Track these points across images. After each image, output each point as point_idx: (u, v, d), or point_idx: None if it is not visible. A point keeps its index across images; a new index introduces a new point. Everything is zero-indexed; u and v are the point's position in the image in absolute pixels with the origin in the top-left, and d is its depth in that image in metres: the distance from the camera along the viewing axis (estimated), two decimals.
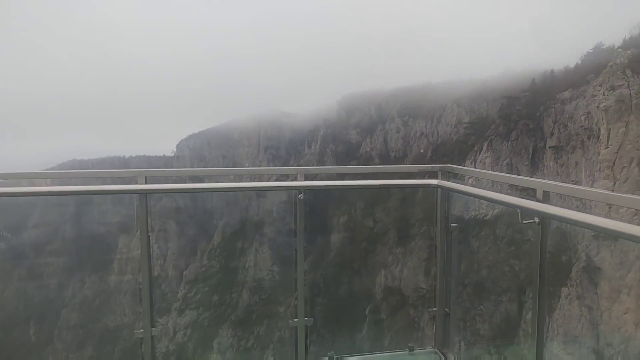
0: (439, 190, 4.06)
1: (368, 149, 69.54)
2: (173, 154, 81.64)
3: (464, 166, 35.63)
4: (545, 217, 2.37)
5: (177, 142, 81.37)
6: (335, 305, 41.58)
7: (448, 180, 4.04)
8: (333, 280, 45.88)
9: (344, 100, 75.67)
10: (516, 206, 2.50)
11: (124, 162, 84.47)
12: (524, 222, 2.42)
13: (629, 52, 22.41)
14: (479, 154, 39.71)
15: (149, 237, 3.73)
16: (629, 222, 1.53)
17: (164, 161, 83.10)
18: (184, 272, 56.73)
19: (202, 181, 4.95)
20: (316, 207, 66.64)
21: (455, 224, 4.00)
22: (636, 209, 1.80)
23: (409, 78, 73.51)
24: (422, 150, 60.87)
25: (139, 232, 3.67)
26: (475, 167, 39.83)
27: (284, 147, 75.75)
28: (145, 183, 3.70)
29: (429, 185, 4.11)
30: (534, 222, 2.40)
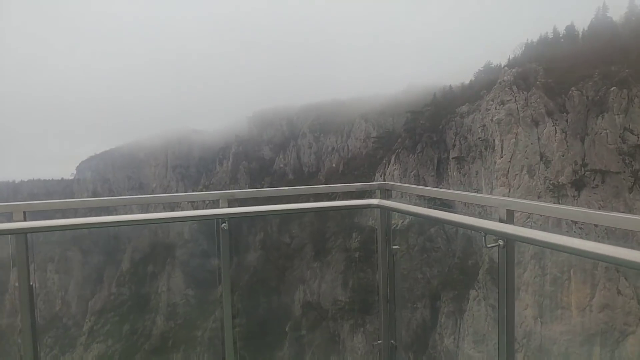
0: (379, 210, 3.66)
1: (282, 165, 69.75)
2: (73, 177, 75.65)
3: (375, 178, 37.00)
4: (511, 240, 2.22)
5: (78, 164, 75.46)
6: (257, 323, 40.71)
7: (388, 199, 3.66)
8: (252, 300, 44.97)
9: (255, 116, 75.43)
10: (480, 228, 2.29)
11: (14, 187, 76.42)
12: (488, 246, 2.24)
13: (513, 70, 25.01)
14: (388, 166, 41.62)
15: (31, 287, 3.05)
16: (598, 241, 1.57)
17: (63, 185, 76.50)
18: (90, 303, 52.08)
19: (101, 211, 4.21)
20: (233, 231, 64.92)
21: (397, 246, 3.64)
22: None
23: (318, 94, 75.62)
24: (334, 165, 62.43)
25: (17, 282, 3.05)
26: (385, 180, 41.73)
27: (193, 165, 73.37)
28: (25, 220, 3.05)
29: (369, 206, 3.69)
30: (498, 245, 2.23)
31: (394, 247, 3.66)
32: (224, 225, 3.43)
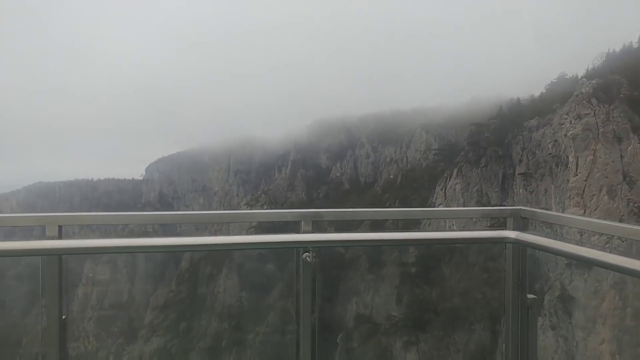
0: (511, 246, 2.84)
1: (338, 174, 69.91)
2: (142, 178, 79.96)
3: (435, 192, 35.99)
4: None
5: (147, 166, 79.85)
6: None
7: (527, 232, 2.78)
8: None
9: (314, 125, 76.31)
10: None
11: (92, 185, 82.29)
12: None
13: (593, 81, 23.50)
14: (449, 180, 40.48)
15: (63, 321, 2.56)
16: None
17: (133, 184, 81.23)
18: (151, 298, 54.61)
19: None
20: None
21: (534, 296, 2.85)
22: None
23: (378, 104, 75.19)
24: (391, 176, 61.66)
25: (44, 315, 2.54)
26: (445, 194, 40.62)
27: (254, 171, 75.24)
28: (60, 235, 2.56)
29: (501, 240, 2.79)
30: None
31: (530, 296, 2.82)
32: (307, 256, 2.69)
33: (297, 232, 2.91)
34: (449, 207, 37.17)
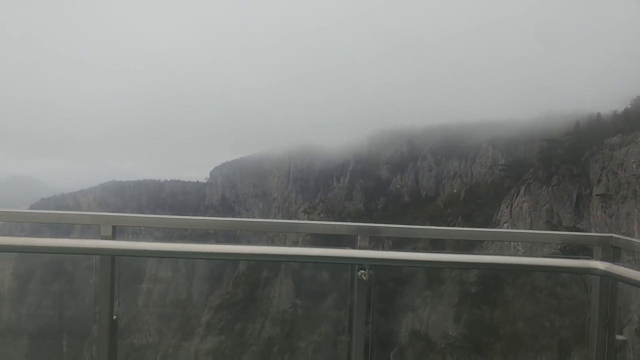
0: (598, 279, 2.48)
1: (398, 186, 68.73)
2: (206, 181, 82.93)
3: (500, 209, 34.25)
4: None
5: (211, 169, 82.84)
6: None
7: (619, 263, 2.40)
8: None
9: (375, 135, 75.74)
10: None
11: (159, 185, 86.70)
12: None
13: None
14: (516, 197, 38.46)
15: (114, 322, 2.54)
16: None
17: (198, 187, 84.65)
18: (209, 297, 56.24)
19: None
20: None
21: (623, 337, 2.48)
22: None
23: (443, 115, 73.20)
24: (455, 191, 59.68)
25: (98, 316, 2.50)
26: (511, 212, 38.57)
27: (313, 179, 75.79)
28: (113, 235, 2.54)
29: (588, 270, 2.40)
30: None
31: (619, 337, 2.45)
32: (362, 274, 2.47)
33: (353, 246, 2.72)
34: (515, 226, 35.29)
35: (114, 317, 2.54)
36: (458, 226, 57.20)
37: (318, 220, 65.37)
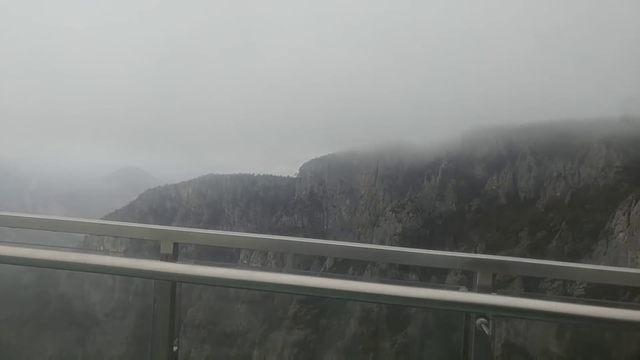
0: None
1: (494, 187, 64.84)
2: (296, 176, 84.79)
3: (615, 217, 30.62)
4: None
5: (301, 165, 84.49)
6: None
7: None
8: None
9: (469, 132, 72.06)
10: None
11: (252, 179, 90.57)
12: None
13: None
14: (634, 204, 34.31)
15: (174, 355, 2.29)
16: None
17: (288, 182, 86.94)
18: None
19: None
20: None
21: None
22: None
23: (546, 112, 67.63)
24: (558, 194, 54.89)
25: (156, 347, 2.26)
26: (629, 220, 34.42)
27: (401, 177, 74.10)
28: (174, 256, 2.23)
29: None
30: None
31: None
32: (482, 323, 1.94)
33: (470, 284, 2.14)
34: (634, 236, 31.47)
35: (175, 348, 2.26)
36: (561, 233, 52.47)
37: (407, 219, 63.77)
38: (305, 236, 72.41)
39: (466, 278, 2.27)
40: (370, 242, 65.03)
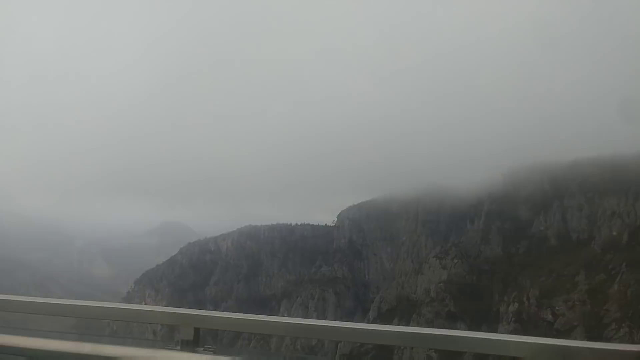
0: None
1: (542, 228, 61.79)
2: (334, 224, 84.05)
3: None
4: None
5: (338, 213, 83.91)
6: None
7: None
8: None
9: (511, 172, 69.81)
10: None
11: (290, 229, 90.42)
12: None
13: None
14: None
15: None
16: None
17: (326, 230, 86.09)
18: (339, 345, 55.31)
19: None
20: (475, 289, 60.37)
21: None
22: None
23: (594, 147, 64.44)
24: (615, 233, 51.53)
25: None
26: None
27: (443, 221, 72.06)
28: (194, 342, 1.93)
29: None
30: None
31: None
32: None
33: None
34: None
35: None
36: (622, 275, 48.70)
37: (451, 265, 61.12)
38: (345, 287, 70.43)
39: None
40: (415, 292, 62.33)
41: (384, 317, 59.65)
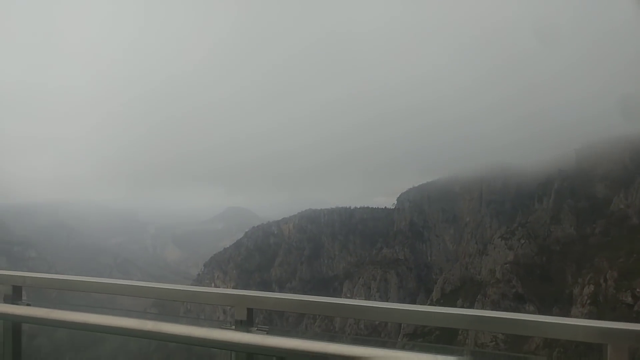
0: None
1: (622, 206, 57.51)
2: (394, 207, 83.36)
3: None
4: None
5: (398, 195, 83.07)
6: None
7: None
8: None
9: (585, 148, 65.40)
10: None
11: (350, 212, 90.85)
12: None
13: None
14: None
15: None
16: None
17: (385, 213, 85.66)
18: (402, 325, 55.15)
19: None
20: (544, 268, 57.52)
21: None
22: None
23: None
24: None
25: None
26: None
27: (509, 200, 69.16)
28: (248, 322, 2.01)
29: None
30: None
31: None
32: None
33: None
34: None
35: None
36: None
37: (518, 245, 58.69)
38: (407, 268, 69.84)
39: None
40: (480, 272, 60.66)
41: (447, 298, 58.69)
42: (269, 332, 1.93)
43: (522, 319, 1.79)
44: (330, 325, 57.36)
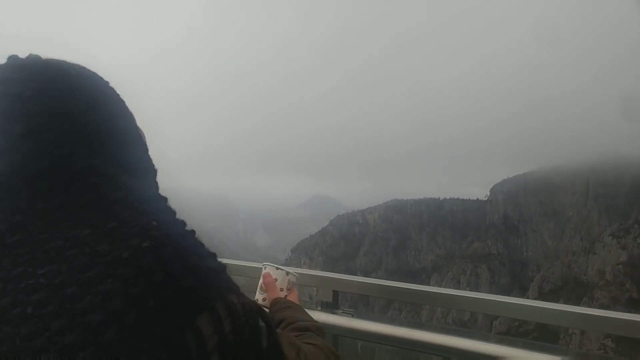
0: None
1: None
2: (486, 198, 79.50)
3: None
4: None
5: (491, 186, 79.01)
6: None
7: None
8: None
9: None
10: None
11: (438, 203, 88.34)
12: None
13: None
14: None
15: None
16: None
17: (477, 205, 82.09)
18: (494, 322, 52.60)
19: None
20: None
21: None
22: None
23: None
24: None
25: None
26: None
27: (622, 195, 62.36)
28: (334, 304, 1.87)
29: None
30: None
31: None
32: None
33: None
34: None
35: None
36: None
37: (633, 245, 52.87)
38: (500, 263, 66.22)
39: None
40: (586, 273, 55.76)
41: (546, 298, 54.66)
42: (353, 316, 1.85)
43: None
44: (416, 317, 56.25)
